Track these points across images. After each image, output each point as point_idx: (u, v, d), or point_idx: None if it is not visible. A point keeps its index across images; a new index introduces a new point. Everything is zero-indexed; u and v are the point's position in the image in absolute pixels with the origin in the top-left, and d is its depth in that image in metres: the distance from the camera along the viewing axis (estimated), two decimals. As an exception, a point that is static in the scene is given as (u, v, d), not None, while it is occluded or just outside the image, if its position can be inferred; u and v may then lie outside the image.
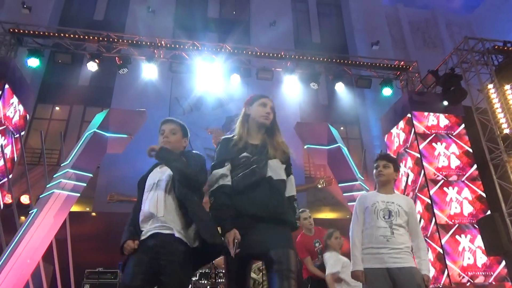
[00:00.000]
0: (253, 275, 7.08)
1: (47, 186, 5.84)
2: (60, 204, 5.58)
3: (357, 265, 2.72)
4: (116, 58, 8.55)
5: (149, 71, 8.62)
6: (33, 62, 8.19)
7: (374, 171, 2.98)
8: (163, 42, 8.84)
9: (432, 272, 2.50)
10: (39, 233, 5.33)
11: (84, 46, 8.72)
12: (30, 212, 5.65)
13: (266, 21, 14.56)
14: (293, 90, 9.24)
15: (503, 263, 7.15)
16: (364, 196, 2.96)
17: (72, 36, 8.52)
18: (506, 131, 7.63)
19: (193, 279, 5.87)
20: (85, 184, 5.89)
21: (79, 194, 5.84)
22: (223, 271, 6.03)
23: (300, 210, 4.08)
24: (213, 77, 8.95)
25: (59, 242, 5.99)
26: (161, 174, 2.37)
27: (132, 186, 2.55)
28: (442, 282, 7.00)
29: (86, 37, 8.59)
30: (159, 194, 2.27)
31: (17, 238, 5.29)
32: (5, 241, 5.59)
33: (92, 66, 8.32)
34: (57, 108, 13.17)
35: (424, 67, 9.45)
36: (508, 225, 7.03)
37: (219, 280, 5.96)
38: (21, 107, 8.00)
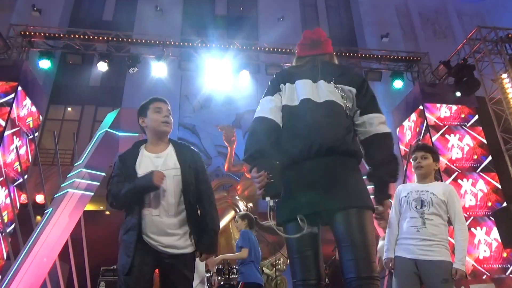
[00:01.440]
0: (266, 270, 7.10)
1: (62, 185, 5.91)
2: (75, 203, 5.63)
3: (388, 252, 2.76)
4: (126, 57, 8.62)
5: (158, 70, 8.67)
6: (45, 64, 8.31)
7: (413, 163, 2.88)
8: (171, 41, 8.87)
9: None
10: (54, 232, 5.40)
11: (94, 47, 8.80)
12: (45, 211, 5.73)
13: (274, 17, 14.49)
14: (302, 85, 9.18)
15: (521, 255, 7.04)
16: (403, 186, 2.94)
17: (82, 37, 8.61)
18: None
19: (207, 275, 5.90)
20: (98, 183, 5.94)
21: (92, 193, 5.90)
22: (237, 267, 6.05)
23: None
24: (222, 74, 8.95)
25: (75, 240, 6.06)
26: (160, 162, 2.18)
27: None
28: (457, 276, 6.90)
29: (96, 38, 8.66)
30: (170, 193, 2.12)
31: (33, 237, 5.37)
32: (22, 241, 5.70)
33: (102, 66, 8.40)
34: (69, 108, 13.34)
35: (435, 58, 9.31)
36: (525, 216, 6.90)
37: (233, 276, 5.98)
38: (34, 109, 8.11)
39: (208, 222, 2.21)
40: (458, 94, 8.22)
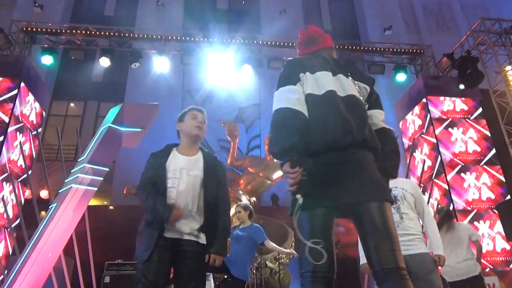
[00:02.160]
0: (269, 264, 7.13)
1: (65, 181, 5.93)
2: (79, 198, 5.65)
3: (363, 258, 2.73)
4: (128, 52, 8.61)
5: (160, 65, 8.65)
6: (47, 60, 8.31)
7: None
8: (173, 35, 8.84)
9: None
10: (59, 227, 5.43)
11: (96, 42, 8.80)
12: (49, 207, 5.75)
13: (276, 10, 14.42)
14: (305, 79, 9.15)
15: (524, 248, 7.03)
16: None
17: (84, 32, 8.60)
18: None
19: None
20: (102, 178, 5.95)
21: (96, 188, 5.91)
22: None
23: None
24: (224, 68, 8.93)
25: (79, 235, 6.10)
26: (189, 163, 2.39)
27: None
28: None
29: (98, 33, 8.65)
30: (194, 193, 2.31)
31: (38, 232, 5.40)
32: (27, 236, 5.74)
33: (104, 62, 8.40)
34: (72, 104, 13.38)
35: (438, 51, 9.24)
36: (529, 209, 6.88)
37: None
38: (37, 105, 8.13)
39: (222, 225, 2.35)
40: (461, 86, 8.17)
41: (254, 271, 6.29)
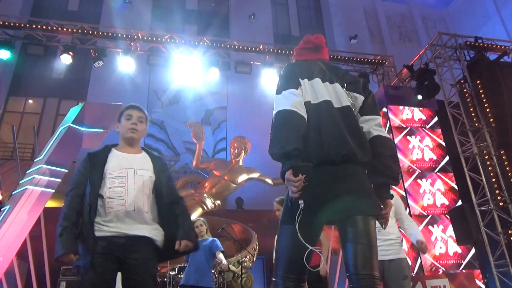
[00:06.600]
0: (232, 267, 7.15)
1: (20, 182, 5.67)
2: (34, 200, 5.42)
3: None
4: (91, 50, 8.36)
5: (125, 64, 8.46)
6: (4, 54, 7.92)
7: None
8: (140, 35, 8.68)
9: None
10: (12, 230, 5.19)
11: (58, 38, 8.47)
12: (2, 209, 5.49)
13: (246, 14, 14.51)
14: (271, 84, 9.27)
15: (473, 251, 7.45)
16: None
17: (44, 27, 8.27)
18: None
19: (172, 273, 5.88)
20: (60, 180, 5.74)
21: (53, 190, 5.70)
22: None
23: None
24: (191, 70, 8.87)
25: (34, 239, 5.84)
26: (135, 163, 2.26)
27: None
28: (415, 271, 7.24)
29: (60, 29, 8.34)
30: (144, 188, 2.19)
31: (-11, 236, 5.14)
32: (-23, 239, 5.44)
33: (65, 59, 8.11)
34: (30, 101, 12.80)
35: (400, 61, 9.64)
36: (478, 215, 7.31)
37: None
38: (-9, 101, 7.74)
39: (185, 217, 2.28)
40: (419, 97, 8.55)
41: (217, 275, 6.29)
